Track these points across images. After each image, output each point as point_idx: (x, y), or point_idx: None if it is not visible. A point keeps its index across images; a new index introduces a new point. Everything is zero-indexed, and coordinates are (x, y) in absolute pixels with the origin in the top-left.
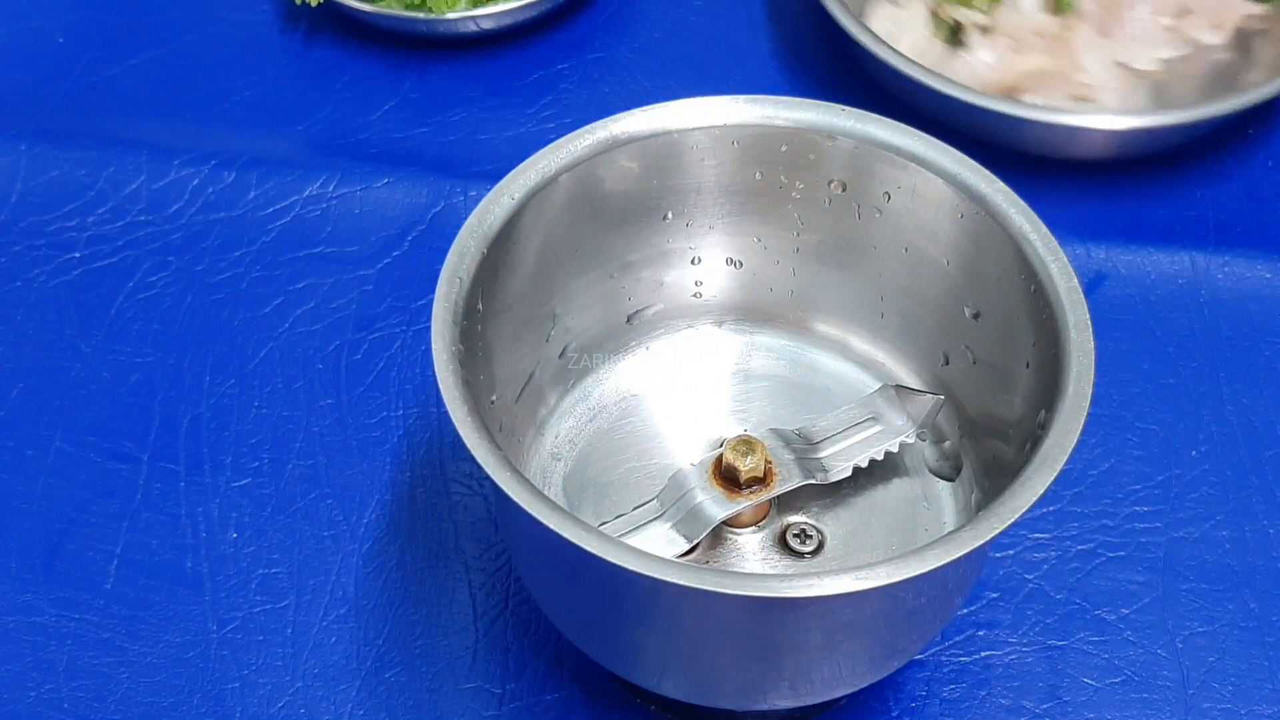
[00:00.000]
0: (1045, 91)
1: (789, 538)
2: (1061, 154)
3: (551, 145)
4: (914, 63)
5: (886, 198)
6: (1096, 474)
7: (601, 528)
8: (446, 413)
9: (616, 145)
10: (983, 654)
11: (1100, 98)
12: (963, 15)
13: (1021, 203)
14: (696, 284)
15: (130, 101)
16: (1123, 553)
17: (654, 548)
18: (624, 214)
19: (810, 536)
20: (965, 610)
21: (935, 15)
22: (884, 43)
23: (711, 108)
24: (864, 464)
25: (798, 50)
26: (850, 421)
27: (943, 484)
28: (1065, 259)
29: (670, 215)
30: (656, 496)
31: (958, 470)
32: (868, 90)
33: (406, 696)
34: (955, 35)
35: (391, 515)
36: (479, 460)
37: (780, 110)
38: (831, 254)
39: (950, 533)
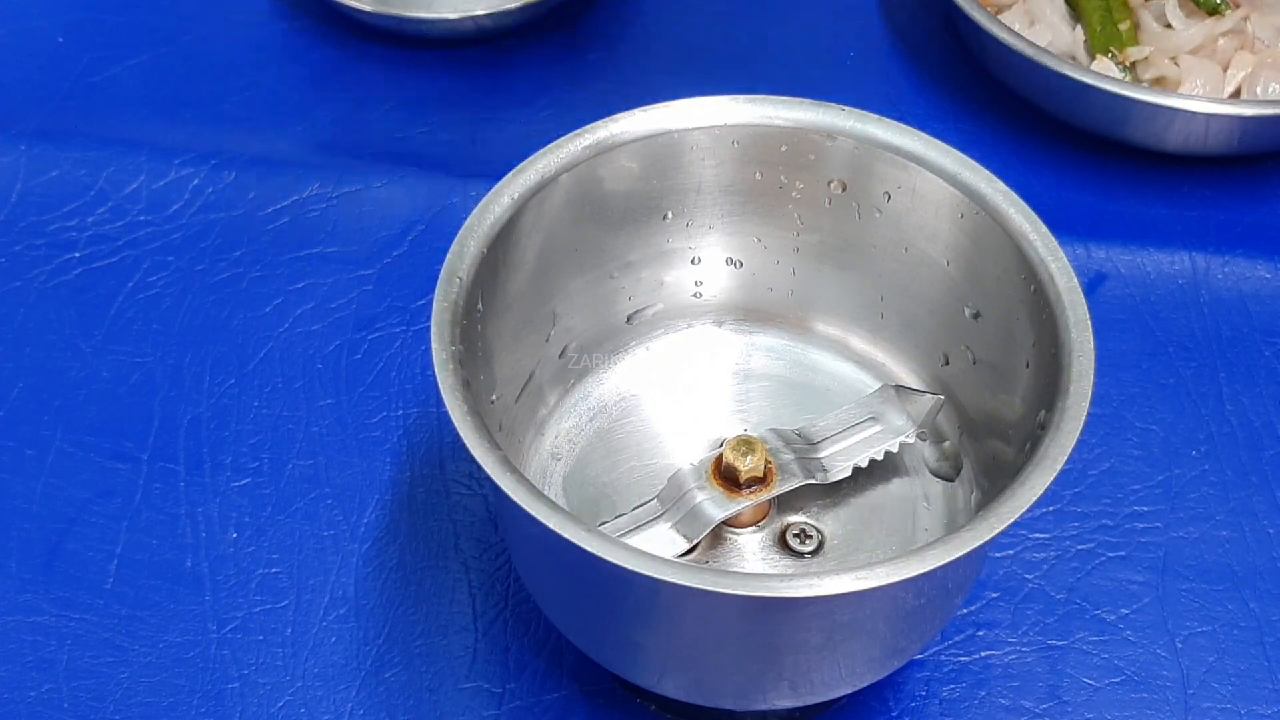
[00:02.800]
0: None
1: (789, 538)
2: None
3: (551, 145)
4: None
5: (886, 198)
6: (1096, 474)
7: (601, 528)
8: (446, 413)
9: (616, 145)
10: (982, 654)
11: None
12: (1126, 56)
13: (1021, 203)
14: (696, 284)
15: (130, 101)
16: (1123, 553)
17: (654, 548)
18: (624, 214)
19: (810, 536)
20: (965, 610)
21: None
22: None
23: (711, 108)
24: (864, 464)
25: (798, 50)
26: (850, 421)
27: (943, 484)
28: (1065, 259)
29: (670, 215)
30: (656, 496)
31: (958, 470)
32: (866, 91)
33: (406, 696)
34: (1133, 70)
35: (391, 515)
36: (479, 460)
37: (780, 110)
38: (831, 254)
39: (950, 533)
